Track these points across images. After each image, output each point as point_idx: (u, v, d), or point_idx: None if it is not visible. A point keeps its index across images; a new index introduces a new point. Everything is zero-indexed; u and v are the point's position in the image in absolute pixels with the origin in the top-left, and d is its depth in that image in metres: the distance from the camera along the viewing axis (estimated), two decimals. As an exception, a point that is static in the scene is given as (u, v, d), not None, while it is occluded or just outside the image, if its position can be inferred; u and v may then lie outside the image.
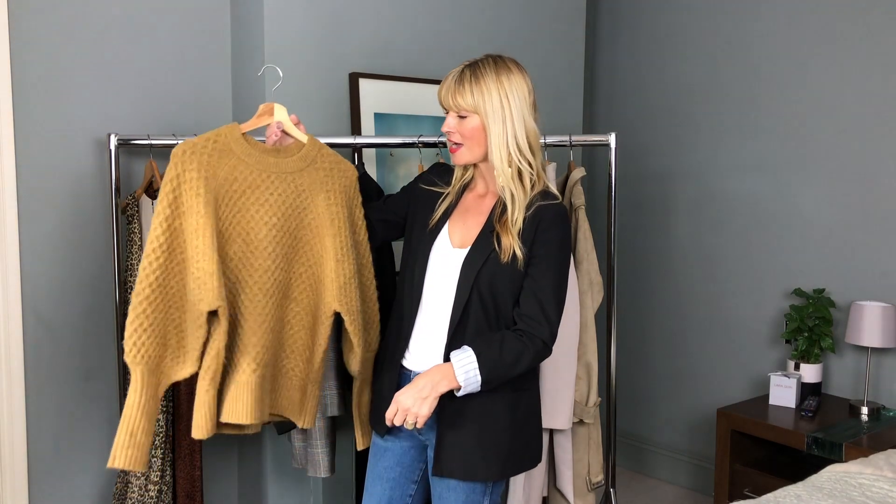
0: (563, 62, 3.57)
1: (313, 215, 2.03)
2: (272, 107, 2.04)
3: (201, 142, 1.89)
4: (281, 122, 2.04)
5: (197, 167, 1.86)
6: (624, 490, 3.70)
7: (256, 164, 1.94)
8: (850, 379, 3.20)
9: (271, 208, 1.95)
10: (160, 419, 2.37)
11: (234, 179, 1.92)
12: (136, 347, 1.85)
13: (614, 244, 2.80)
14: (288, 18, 2.75)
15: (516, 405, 1.94)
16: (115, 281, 2.45)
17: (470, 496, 1.93)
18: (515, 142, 1.90)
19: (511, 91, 1.90)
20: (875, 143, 3.12)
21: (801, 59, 3.31)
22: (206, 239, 1.85)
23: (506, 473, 1.96)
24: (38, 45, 2.48)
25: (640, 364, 3.96)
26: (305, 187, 2.02)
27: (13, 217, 2.45)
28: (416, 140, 2.65)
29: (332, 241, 2.02)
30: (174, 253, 1.88)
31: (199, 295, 1.85)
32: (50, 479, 2.57)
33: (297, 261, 2.03)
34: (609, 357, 2.84)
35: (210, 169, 1.88)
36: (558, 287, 1.90)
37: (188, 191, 1.85)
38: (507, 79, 1.91)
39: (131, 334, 1.85)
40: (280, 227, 1.96)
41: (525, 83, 1.93)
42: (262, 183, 1.95)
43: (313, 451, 2.52)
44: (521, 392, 1.95)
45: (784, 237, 3.39)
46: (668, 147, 3.80)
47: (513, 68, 1.93)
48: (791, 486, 2.26)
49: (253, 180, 1.94)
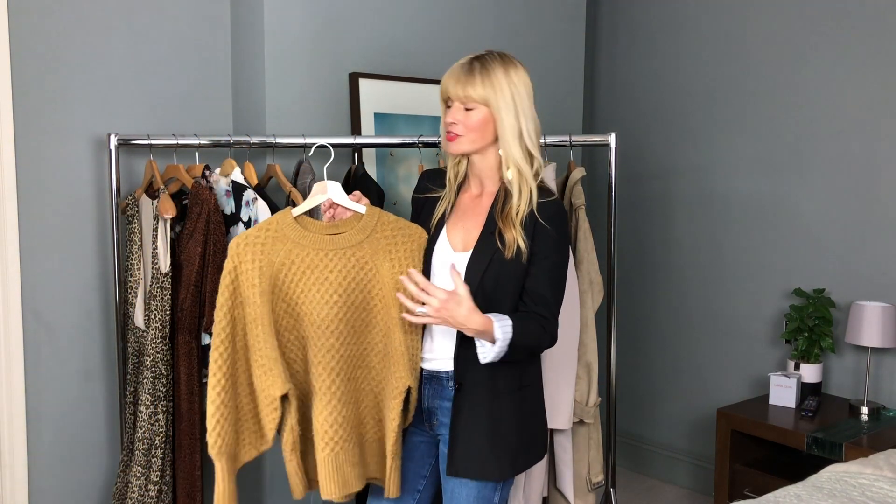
0: (563, 62, 3.57)
1: (380, 286, 2.00)
2: (325, 185, 2.06)
3: (255, 232, 1.95)
4: (331, 199, 2.05)
5: (251, 258, 1.92)
6: (624, 490, 3.70)
7: (312, 245, 1.96)
8: (850, 379, 3.20)
9: (331, 286, 1.96)
10: (160, 419, 2.37)
11: (291, 263, 1.95)
12: (221, 438, 1.93)
13: (614, 244, 2.80)
14: (288, 18, 2.75)
15: (522, 402, 1.97)
16: (115, 281, 2.45)
17: (482, 492, 1.95)
18: (528, 134, 1.92)
19: (519, 84, 1.92)
20: (875, 142, 3.12)
21: (801, 59, 3.31)
22: (265, 327, 1.92)
23: (517, 469, 1.99)
24: (38, 45, 2.48)
25: (640, 364, 3.96)
26: (368, 259, 2.00)
27: (13, 217, 2.45)
28: (416, 140, 2.65)
29: (398, 311, 1.98)
30: (236, 341, 1.95)
31: (268, 381, 1.92)
32: (50, 479, 2.57)
33: (370, 332, 2.02)
34: (609, 357, 2.84)
35: (265, 257, 1.93)
36: (557, 286, 1.93)
37: (244, 282, 1.92)
38: (515, 72, 1.93)
39: (214, 426, 1.92)
40: (343, 304, 1.97)
41: (528, 79, 1.96)
42: (319, 262, 1.96)
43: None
44: (525, 389, 1.98)
45: (784, 237, 3.39)
46: (668, 147, 3.80)
47: (517, 63, 1.96)
48: (791, 486, 2.26)
49: (311, 261, 1.96)
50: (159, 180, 2.44)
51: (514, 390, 1.95)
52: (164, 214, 2.34)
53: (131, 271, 2.45)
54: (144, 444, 2.36)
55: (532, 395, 2.02)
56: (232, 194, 2.47)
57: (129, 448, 2.45)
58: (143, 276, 2.43)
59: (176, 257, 2.41)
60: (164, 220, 2.36)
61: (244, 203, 2.44)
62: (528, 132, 1.92)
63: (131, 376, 2.47)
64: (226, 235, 2.42)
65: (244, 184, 2.47)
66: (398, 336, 1.99)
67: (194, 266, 2.35)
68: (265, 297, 1.91)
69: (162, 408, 2.37)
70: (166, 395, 2.38)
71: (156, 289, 2.37)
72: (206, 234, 2.35)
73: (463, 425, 1.93)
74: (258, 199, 2.42)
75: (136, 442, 2.36)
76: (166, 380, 2.37)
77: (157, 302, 2.36)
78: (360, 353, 2.02)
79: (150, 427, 2.36)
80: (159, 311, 2.36)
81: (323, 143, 2.47)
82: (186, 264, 2.37)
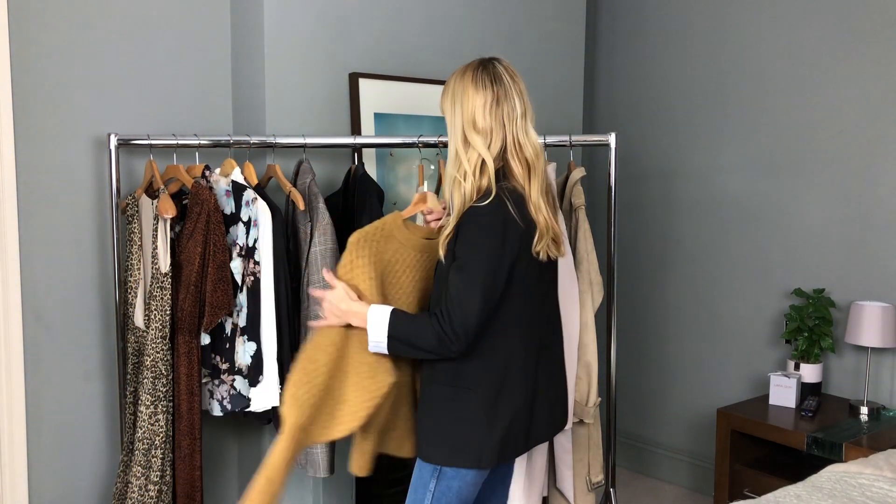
0: (563, 62, 3.57)
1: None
2: (426, 195, 2.27)
3: (371, 230, 2.10)
4: (429, 208, 2.27)
5: (367, 253, 2.07)
6: (624, 490, 3.70)
7: (413, 247, 2.15)
8: (850, 379, 3.20)
9: (424, 283, 2.16)
10: (160, 419, 2.37)
11: (397, 261, 2.13)
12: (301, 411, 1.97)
13: (614, 244, 2.80)
14: (288, 18, 2.75)
15: (453, 399, 1.97)
16: (115, 281, 2.45)
17: (422, 472, 2.02)
18: (456, 151, 1.97)
19: (457, 99, 1.98)
20: (875, 142, 3.12)
21: (801, 58, 3.31)
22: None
23: (442, 461, 1.99)
24: (38, 45, 2.48)
25: (640, 364, 3.96)
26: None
27: (13, 217, 2.45)
28: (416, 140, 2.65)
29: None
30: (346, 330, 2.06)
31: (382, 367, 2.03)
32: (50, 479, 2.57)
33: None
34: (609, 357, 2.84)
35: (378, 254, 2.10)
36: (462, 284, 1.89)
37: (360, 274, 2.06)
38: (461, 85, 1.98)
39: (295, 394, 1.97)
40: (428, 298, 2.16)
41: (475, 95, 1.95)
42: (417, 262, 2.16)
43: (312, 450, 2.52)
44: (459, 389, 1.97)
45: (784, 237, 3.39)
46: (668, 147, 3.80)
47: (467, 76, 1.98)
48: (791, 486, 2.26)
49: (411, 260, 2.15)
50: (159, 180, 2.44)
51: (444, 385, 1.98)
52: (164, 214, 2.34)
53: (131, 271, 2.45)
54: (144, 444, 2.36)
55: (466, 400, 1.96)
56: (232, 194, 2.47)
57: (129, 448, 2.45)
58: (142, 276, 2.43)
59: (176, 257, 2.41)
60: (164, 220, 2.36)
61: (244, 203, 2.45)
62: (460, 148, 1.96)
63: (131, 376, 2.47)
64: (225, 235, 2.42)
65: (244, 184, 2.47)
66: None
67: (194, 266, 2.35)
68: (378, 290, 2.06)
69: (162, 408, 2.37)
70: (166, 395, 2.38)
71: (156, 289, 2.37)
72: (206, 234, 2.35)
73: (419, 409, 2.07)
74: (258, 199, 2.42)
75: (136, 442, 2.36)
76: (166, 380, 2.37)
77: (157, 302, 2.36)
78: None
79: (150, 427, 2.36)
80: (159, 310, 2.36)
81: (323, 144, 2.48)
82: (186, 264, 2.37)
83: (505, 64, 2.01)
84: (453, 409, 1.98)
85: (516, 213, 1.91)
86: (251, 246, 2.43)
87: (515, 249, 1.92)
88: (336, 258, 2.45)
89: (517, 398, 1.99)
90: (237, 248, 2.45)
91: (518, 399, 1.99)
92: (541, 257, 1.97)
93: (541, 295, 2.05)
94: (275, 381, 2.44)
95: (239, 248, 2.45)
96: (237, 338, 2.45)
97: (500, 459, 2.00)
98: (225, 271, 2.39)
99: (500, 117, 1.95)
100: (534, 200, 1.95)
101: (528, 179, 1.96)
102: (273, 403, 2.45)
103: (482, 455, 1.96)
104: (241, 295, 2.44)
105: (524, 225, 1.92)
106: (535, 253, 1.95)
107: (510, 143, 1.96)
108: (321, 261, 2.45)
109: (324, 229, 2.45)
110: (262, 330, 2.43)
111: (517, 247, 1.92)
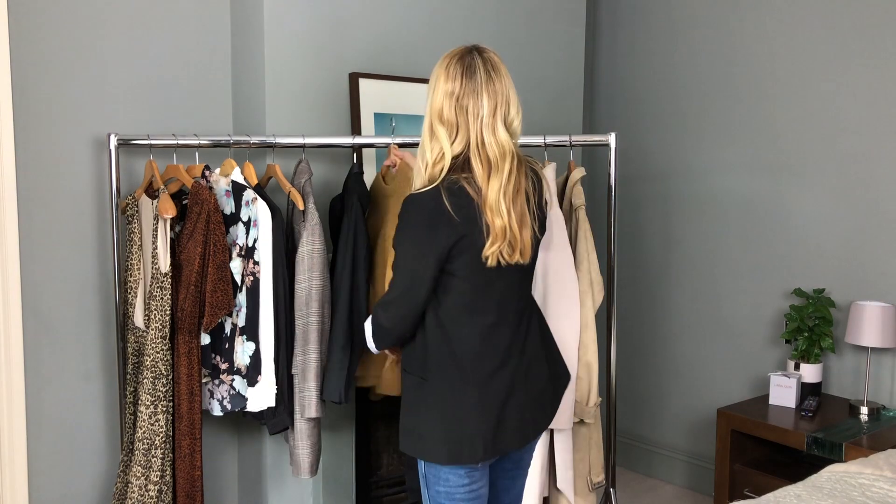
0: (563, 62, 3.57)
1: None
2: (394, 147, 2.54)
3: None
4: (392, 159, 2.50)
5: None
6: (624, 490, 3.70)
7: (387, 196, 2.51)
8: (850, 379, 3.20)
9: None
10: (160, 419, 2.37)
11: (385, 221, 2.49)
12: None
13: (614, 244, 2.80)
14: (288, 18, 2.75)
15: (415, 388, 1.97)
16: (115, 281, 2.45)
17: (419, 477, 2.02)
18: (422, 140, 1.92)
19: (431, 85, 1.93)
20: (875, 143, 3.12)
21: (800, 59, 3.31)
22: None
23: (410, 450, 1.98)
24: (38, 44, 2.48)
25: (640, 364, 3.96)
26: None
27: (13, 217, 2.45)
28: (415, 140, 2.65)
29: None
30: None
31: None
32: (50, 479, 2.57)
33: None
34: (609, 357, 2.84)
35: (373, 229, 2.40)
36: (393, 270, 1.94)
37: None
38: (438, 71, 1.92)
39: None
40: None
41: (445, 84, 1.89)
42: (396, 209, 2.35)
43: (296, 451, 2.52)
44: (417, 378, 1.96)
45: (784, 237, 3.39)
46: (668, 147, 3.80)
47: (444, 62, 1.92)
48: (791, 486, 2.26)
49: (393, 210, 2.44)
50: (159, 180, 2.44)
51: (409, 374, 1.99)
52: (163, 214, 2.34)
53: (131, 271, 2.45)
54: (144, 444, 2.36)
55: (426, 391, 1.94)
56: (232, 194, 2.47)
57: (129, 448, 2.45)
58: (142, 276, 2.43)
59: (176, 257, 2.41)
60: (164, 219, 2.36)
61: (244, 203, 2.45)
62: (424, 135, 1.92)
63: (131, 376, 2.47)
64: (225, 235, 2.42)
65: (244, 184, 2.47)
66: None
67: (194, 266, 2.35)
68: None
69: (162, 408, 2.37)
70: (166, 395, 2.38)
71: (156, 289, 2.37)
72: (206, 234, 2.35)
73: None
74: (258, 199, 2.42)
75: (136, 442, 2.36)
76: (166, 380, 2.37)
77: (156, 302, 2.36)
78: None
79: (150, 427, 2.36)
80: (159, 310, 2.36)
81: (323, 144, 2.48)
82: (186, 264, 2.37)
83: (487, 55, 1.89)
84: (415, 400, 1.96)
85: (452, 205, 1.82)
86: (251, 246, 2.43)
87: (446, 239, 1.82)
88: (322, 259, 2.45)
89: (471, 397, 1.90)
90: (237, 248, 2.45)
91: (472, 398, 1.90)
92: (489, 263, 1.84)
93: (507, 299, 1.94)
94: (271, 381, 2.44)
95: (239, 248, 2.45)
96: (236, 338, 2.45)
97: (453, 459, 1.90)
98: (225, 271, 2.39)
99: (464, 113, 1.86)
100: (490, 202, 1.83)
101: (488, 180, 1.84)
102: (269, 404, 2.44)
103: (434, 450, 1.91)
104: (241, 295, 2.44)
105: (460, 219, 1.82)
106: (483, 257, 1.84)
107: (474, 140, 1.85)
108: (307, 261, 2.44)
109: (312, 229, 2.45)
110: (261, 330, 2.43)
111: (450, 236, 1.82)
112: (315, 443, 2.52)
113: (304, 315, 2.46)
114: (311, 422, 2.50)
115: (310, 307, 2.45)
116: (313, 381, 2.45)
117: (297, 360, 2.47)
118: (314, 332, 2.45)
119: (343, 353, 2.46)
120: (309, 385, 2.45)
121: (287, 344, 2.48)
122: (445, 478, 1.93)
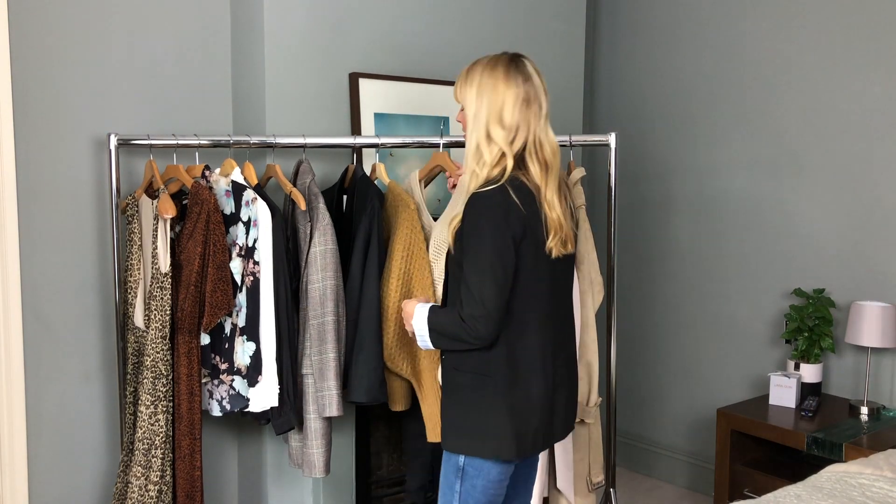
0: (563, 62, 3.56)
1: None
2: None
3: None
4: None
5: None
6: (624, 490, 3.70)
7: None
8: (850, 379, 3.20)
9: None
10: (160, 419, 2.37)
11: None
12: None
13: (614, 244, 2.80)
14: (288, 18, 2.75)
15: (472, 388, 1.98)
16: (115, 281, 2.45)
17: (447, 474, 2.03)
18: (477, 144, 1.97)
19: (484, 91, 1.97)
20: (875, 143, 3.12)
21: (801, 59, 3.31)
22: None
23: (460, 449, 2.00)
24: (38, 45, 2.48)
25: (640, 364, 3.96)
26: None
27: (13, 217, 2.45)
28: (416, 140, 2.65)
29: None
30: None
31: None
32: (50, 479, 2.57)
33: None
34: (609, 357, 2.84)
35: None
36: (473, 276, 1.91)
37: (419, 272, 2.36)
38: (491, 79, 1.97)
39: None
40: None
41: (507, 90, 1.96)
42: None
43: (309, 451, 2.51)
44: (477, 376, 1.98)
45: (784, 237, 3.39)
46: (668, 147, 3.80)
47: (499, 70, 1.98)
48: (791, 486, 2.26)
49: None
50: (159, 180, 2.44)
51: (450, 371, 2.01)
52: (163, 214, 2.34)
53: (131, 271, 2.45)
54: (144, 444, 2.36)
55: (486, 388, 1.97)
56: (232, 194, 2.47)
57: (129, 448, 2.45)
58: (142, 276, 2.43)
59: (176, 257, 2.41)
60: (164, 219, 2.36)
61: (244, 203, 2.45)
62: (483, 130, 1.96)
63: (131, 376, 2.47)
64: (225, 235, 2.42)
65: (244, 184, 2.47)
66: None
67: (194, 266, 2.35)
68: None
69: (162, 408, 2.37)
70: (166, 395, 2.38)
71: (156, 289, 2.37)
72: (205, 234, 2.35)
73: (441, 399, 2.10)
74: (258, 199, 2.42)
75: (136, 442, 2.36)
76: (166, 380, 2.37)
77: (156, 302, 2.36)
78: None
79: (150, 427, 2.36)
80: (159, 311, 2.36)
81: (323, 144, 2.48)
82: (186, 264, 2.37)
83: (532, 62, 2.02)
84: (473, 398, 1.98)
85: (519, 200, 1.91)
86: (251, 246, 2.43)
87: (519, 231, 1.91)
88: (335, 259, 2.45)
89: (534, 391, 1.98)
90: (237, 248, 2.45)
91: (534, 393, 1.99)
92: (553, 254, 1.97)
93: (556, 293, 2.04)
94: (273, 381, 2.44)
95: (239, 248, 2.45)
96: (236, 338, 2.45)
97: (520, 453, 1.99)
98: (225, 271, 2.39)
99: (527, 116, 1.96)
100: (548, 198, 1.96)
101: (545, 178, 1.97)
102: (271, 403, 2.44)
103: (501, 446, 1.97)
104: (241, 295, 2.44)
105: (526, 212, 1.92)
106: (547, 249, 1.95)
107: (531, 141, 1.97)
108: (321, 261, 2.44)
109: (324, 229, 2.45)
110: (261, 330, 2.43)
111: (520, 228, 1.91)
112: (329, 441, 2.53)
113: (320, 315, 2.45)
114: (326, 421, 2.50)
115: (325, 307, 2.45)
116: (333, 380, 2.45)
117: (313, 359, 2.47)
118: (331, 331, 2.45)
119: (371, 353, 2.47)
120: (329, 384, 2.45)
121: (290, 344, 2.48)
122: (488, 471, 1.99)
